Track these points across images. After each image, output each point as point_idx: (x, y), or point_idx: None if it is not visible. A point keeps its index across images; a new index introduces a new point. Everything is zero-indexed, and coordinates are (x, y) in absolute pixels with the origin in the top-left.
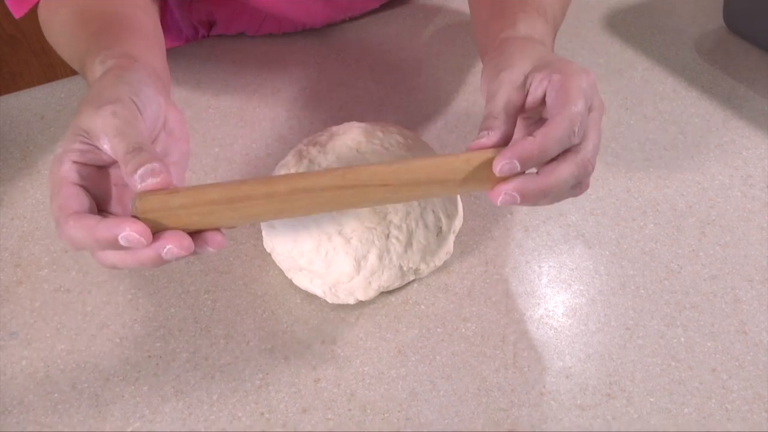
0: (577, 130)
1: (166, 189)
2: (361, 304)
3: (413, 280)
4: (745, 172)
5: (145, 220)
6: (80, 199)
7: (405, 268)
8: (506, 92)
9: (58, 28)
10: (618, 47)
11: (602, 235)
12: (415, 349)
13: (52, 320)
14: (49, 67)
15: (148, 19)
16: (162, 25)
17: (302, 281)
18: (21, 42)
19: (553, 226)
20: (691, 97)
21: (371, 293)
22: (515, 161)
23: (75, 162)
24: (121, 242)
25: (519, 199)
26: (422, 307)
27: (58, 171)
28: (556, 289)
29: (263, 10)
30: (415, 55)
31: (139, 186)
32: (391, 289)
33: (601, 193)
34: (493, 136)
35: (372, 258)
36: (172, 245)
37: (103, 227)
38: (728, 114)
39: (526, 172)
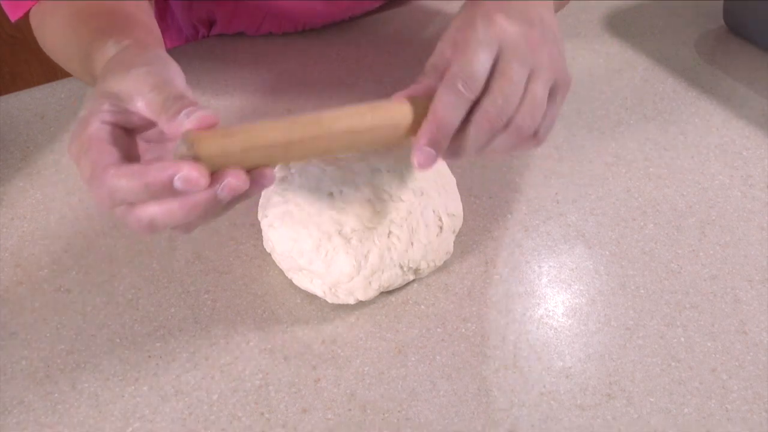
0: (461, 87)
1: (214, 129)
2: (361, 304)
3: (413, 280)
4: (745, 172)
5: (202, 143)
6: (114, 155)
7: (405, 268)
8: (439, 50)
9: (55, 29)
10: (618, 47)
11: (602, 235)
12: (415, 349)
13: (52, 320)
14: (49, 67)
15: (147, 18)
16: (162, 24)
17: (302, 281)
18: (21, 42)
19: (553, 226)
20: (691, 97)
21: (371, 293)
22: (426, 149)
23: (105, 122)
24: (177, 184)
25: (435, 154)
26: (422, 307)
27: (84, 131)
28: (556, 289)
29: (263, 8)
30: (415, 55)
31: (186, 122)
32: (391, 289)
33: (601, 193)
34: (415, 88)
35: (372, 257)
36: (231, 178)
37: (156, 169)
38: (728, 114)
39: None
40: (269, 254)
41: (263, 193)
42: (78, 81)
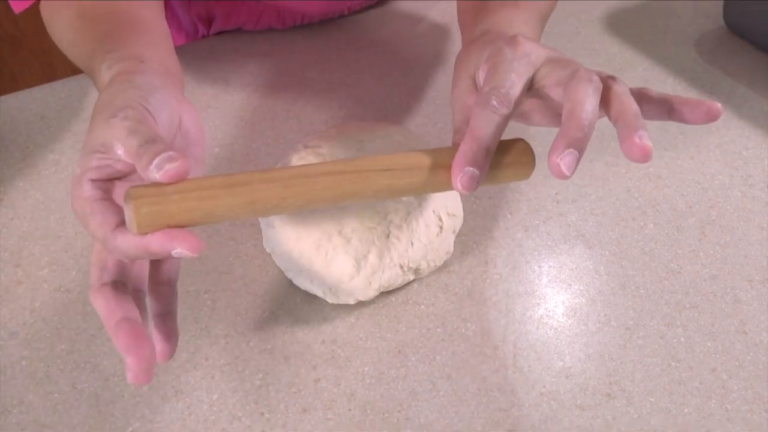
0: (495, 102)
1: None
2: (361, 304)
3: (413, 280)
4: (745, 172)
5: (140, 214)
6: (115, 213)
7: (405, 268)
8: (460, 108)
9: (62, 28)
10: (618, 47)
11: (602, 235)
12: (415, 349)
13: (52, 320)
14: (49, 67)
15: (154, 16)
16: None
17: (302, 281)
18: (21, 42)
19: (553, 226)
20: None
21: (371, 293)
22: (468, 168)
23: (93, 180)
24: (174, 254)
25: (478, 173)
26: (422, 307)
27: (81, 194)
28: (556, 289)
29: (261, 3)
30: (415, 55)
31: (157, 176)
32: (391, 289)
33: (601, 193)
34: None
35: (372, 258)
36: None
37: (156, 243)
38: (728, 114)
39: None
40: (269, 254)
41: None
42: (78, 81)
